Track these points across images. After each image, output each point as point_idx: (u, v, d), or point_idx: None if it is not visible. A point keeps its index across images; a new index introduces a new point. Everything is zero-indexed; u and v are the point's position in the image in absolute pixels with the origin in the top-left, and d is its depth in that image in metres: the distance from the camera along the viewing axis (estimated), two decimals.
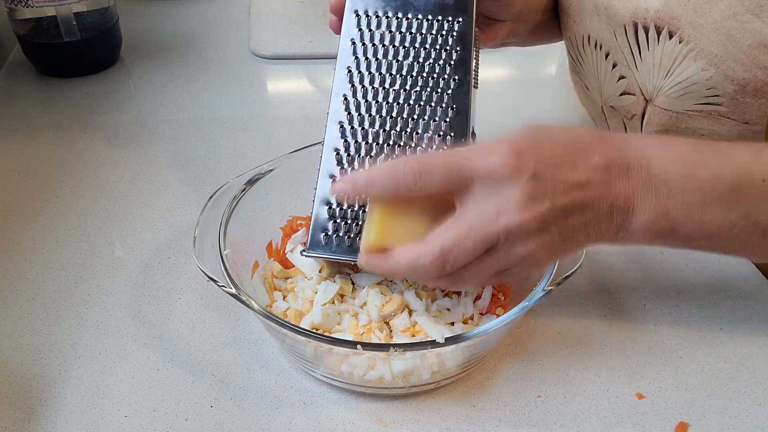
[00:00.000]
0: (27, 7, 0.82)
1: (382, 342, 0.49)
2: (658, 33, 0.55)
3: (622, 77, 0.61)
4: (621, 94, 0.63)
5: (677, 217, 0.44)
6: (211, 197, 0.55)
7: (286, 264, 0.56)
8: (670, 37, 0.55)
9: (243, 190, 0.55)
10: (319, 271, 0.54)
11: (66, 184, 0.70)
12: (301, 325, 0.49)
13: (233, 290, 0.47)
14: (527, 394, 0.51)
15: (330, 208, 0.52)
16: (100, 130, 0.79)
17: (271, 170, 0.57)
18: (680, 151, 0.45)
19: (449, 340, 0.44)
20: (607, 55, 0.62)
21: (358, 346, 0.44)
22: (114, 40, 0.91)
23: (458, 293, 0.53)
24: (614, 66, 0.62)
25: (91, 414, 0.48)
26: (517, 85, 0.93)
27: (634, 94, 0.61)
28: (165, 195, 0.69)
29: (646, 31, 0.56)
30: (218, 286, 0.48)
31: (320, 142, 0.56)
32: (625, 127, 0.65)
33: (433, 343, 0.44)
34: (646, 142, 0.45)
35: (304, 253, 0.53)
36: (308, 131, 0.79)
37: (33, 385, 0.50)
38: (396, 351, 0.44)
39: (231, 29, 1.03)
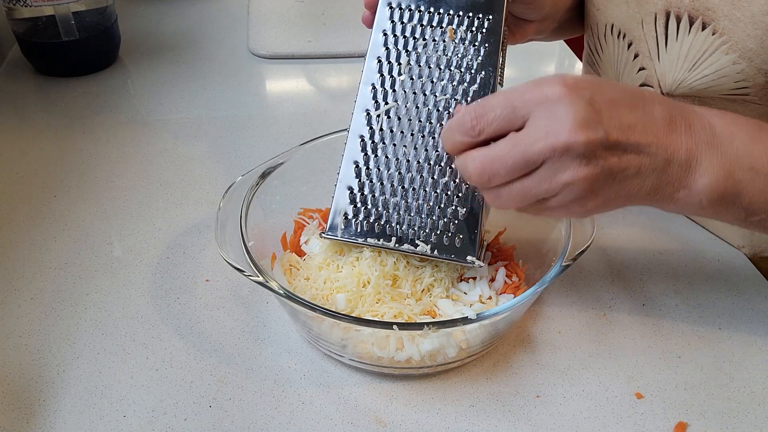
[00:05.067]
0: (25, 6, 0.81)
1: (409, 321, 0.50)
2: (691, 23, 0.55)
3: (642, 68, 0.61)
4: (639, 86, 0.62)
5: (743, 181, 0.42)
6: (227, 191, 0.55)
7: (302, 255, 0.57)
8: (703, 28, 0.54)
9: (257, 184, 0.56)
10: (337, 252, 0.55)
11: (64, 184, 0.70)
12: (331, 308, 0.50)
13: (261, 278, 0.48)
14: (526, 394, 0.51)
15: (351, 192, 0.54)
16: (98, 130, 0.79)
17: (282, 163, 0.58)
18: (744, 120, 0.44)
19: (481, 316, 0.46)
20: (629, 45, 0.61)
21: (394, 327, 0.45)
22: (112, 39, 0.91)
23: (473, 278, 0.55)
24: (636, 56, 0.61)
25: (89, 414, 0.48)
26: (517, 84, 0.93)
27: (652, 87, 0.61)
28: (164, 194, 0.69)
29: (678, 20, 0.56)
30: (245, 276, 0.48)
31: (315, 138, 0.59)
32: None
33: (465, 320, 0.45)
34: (708, 110, 0.44)
35: (323, 235, 0.54)
36: (307, 130, 0.79)
37: (32, 385, 0.50)
38: (430, 329, 0.45)
39: (230, 29, 1.03)
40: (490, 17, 0.52)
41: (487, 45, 0.52)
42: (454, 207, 0.52)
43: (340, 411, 0.49)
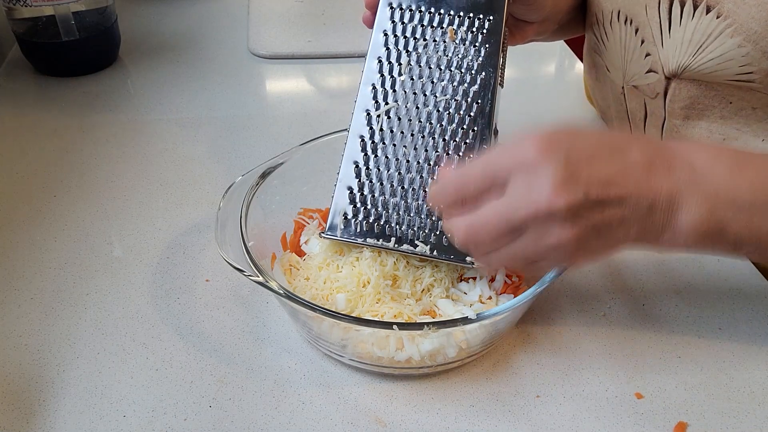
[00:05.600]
0: (25, 6, 0.81)
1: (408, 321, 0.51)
2: (695, 7, 0.55)
3: (648, 54, 0.61)
4: (647, 72, 0.62)
5: (726, 218, 0.42)
6: (227, 191, 0.55)
7: (302, 255, 0.57)
8: (708, 11, 0.54)
9: (257, 184, 0.56)
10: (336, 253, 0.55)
11: (64, 184, 0.70)
12: (331, 308, 0.50)
13: (261, 278, 0.48)
14: (526, 394, 0.51)
15: (351, 192, 0.54)
16: (98, 130, 0.79)
17: (282, 163, 0.58)
18: (725, 151, 0.44)
19: (481, 316, 0.46)
20: (636, 31, 0.61)
21: (394, 327, 0.45)
22: (112, 39, 0.91)
23: (473, 278, 0.55)
24: (642, 42, 0.61)
25: (89, 414, 0.48)
26: (517, 85, 0.93)
27: (657, 72, 0.61)
28: (163, 194, 0.69)
29: (682, 4, 0.56)
30: (245, 276, 0.48)
31: (315, 138, 0.59)
32: (646, 108, 0.65)
33: (465, 320, 0.46)
34: (687, 144, 0.44)
35: (323, 235, 0.54)
36: (307, 130, 0.79)
37: (31, 385, 0.50)
38: (430, 329, 0.45)
39: (230, 29, 1.03)
40: (491, 18, 0.52)
41: (487, 45, 0.52)
42: None
43: (340, 411, 0.49)
